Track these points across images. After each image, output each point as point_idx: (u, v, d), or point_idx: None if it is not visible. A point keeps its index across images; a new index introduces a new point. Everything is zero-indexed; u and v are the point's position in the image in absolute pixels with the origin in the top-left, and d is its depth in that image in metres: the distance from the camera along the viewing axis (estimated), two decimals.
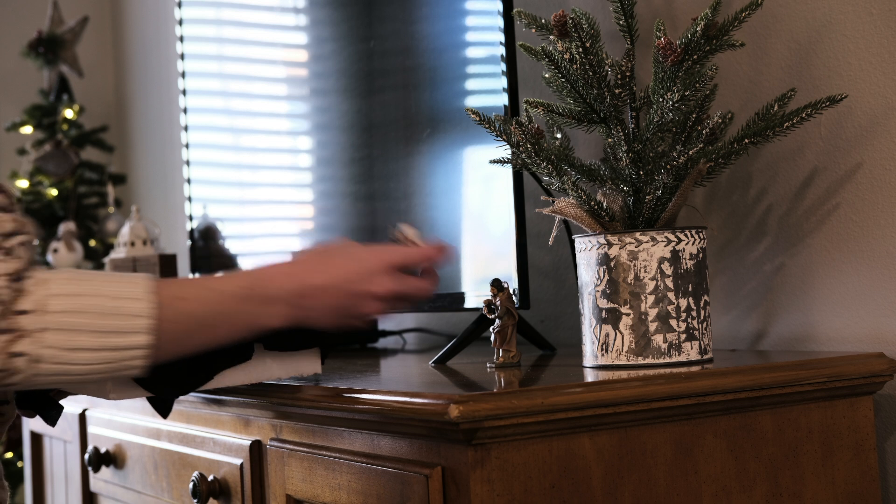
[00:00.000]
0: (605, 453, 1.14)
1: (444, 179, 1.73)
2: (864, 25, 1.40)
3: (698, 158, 1.31)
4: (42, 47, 3.28)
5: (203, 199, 2.47)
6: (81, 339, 1.05)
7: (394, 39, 1.86)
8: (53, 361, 1.05)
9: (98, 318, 1.06)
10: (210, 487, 1.50)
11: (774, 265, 1.51)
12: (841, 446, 1.28)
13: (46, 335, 1.04)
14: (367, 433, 1.23)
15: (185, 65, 2.51)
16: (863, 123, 1.40)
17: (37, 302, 1.04)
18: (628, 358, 1.28)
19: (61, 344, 1.04)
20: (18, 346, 1.03)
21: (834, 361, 1.27)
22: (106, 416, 1.91)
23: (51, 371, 1.05)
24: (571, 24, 1.31)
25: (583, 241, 1.32)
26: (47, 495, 2.26)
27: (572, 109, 1.37)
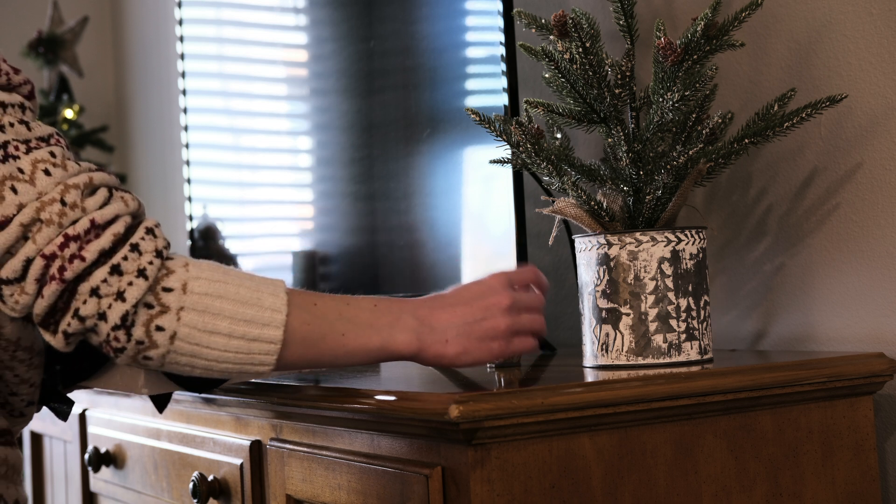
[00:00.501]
0: (605, 453, 1.14)
1: (444, 179, 1.73)
2: (864, 25, 1.40)
3: (698, 158, 1.31)
4: (42, 47, 3.28)
5: (203, 199, 2.47)
6: (219, 323, 1.08)
7: (394, 39, 1.86)
8: (189, 341, 1.08)
9: (237, 305, 1.09)
10: (210, 487, 1.50)
11: (774, 265, 1.51)
12: (841, 446, 1.28)
13: (186, 314, 1.07)
14: (367, 433, 1.23)
15: (185, 65, 2.51)
16: (863, 123, 1.40)
17: (181, 281, 1.08)
18: (628, 358, 1.28)
19: (199, 325, 1.08)
20: (160, 321, 1.07)
21: (834, 361, 1.27)
22: (106, 416, 1.91)
23: (184, 350, 1.08)
24: (571, 24, 1.31)
25: (583, 241, 1.32)
26: (47, 495, 2.26)
27: (572, 109, 1.37)
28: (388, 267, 1.86)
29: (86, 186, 1.09)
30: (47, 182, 1.07)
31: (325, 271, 2.03)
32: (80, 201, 1.07)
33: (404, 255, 1.81)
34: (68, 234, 1.05)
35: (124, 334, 1.06)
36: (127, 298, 1.05)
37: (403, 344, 1.15)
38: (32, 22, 3.42)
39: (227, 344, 1.09)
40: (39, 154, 1.09)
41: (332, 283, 2.01)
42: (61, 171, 1.09)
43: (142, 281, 1.06)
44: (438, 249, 1.73)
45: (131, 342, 1.07)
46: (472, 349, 1.16)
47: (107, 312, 1.05)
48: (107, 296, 1.05)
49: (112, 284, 1.05)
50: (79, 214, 1.07)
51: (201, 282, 1.08)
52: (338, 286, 1.99)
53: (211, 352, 1.09)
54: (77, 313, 1.06)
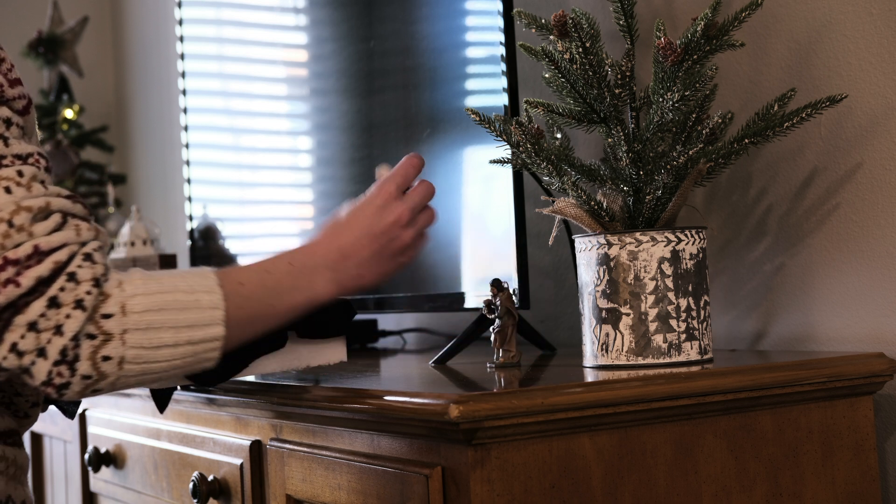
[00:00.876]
0: (605, 453, 1.14)
1: (444, 179, 1.73)
2: (864, 25, 1.40)
3: (698, 158, 1.31)
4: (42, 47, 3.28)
5: (203, 199, 2.47)
6: (163, 335, 1.07)
7: (394, 39, 1.86)
8: (138, 361, 1.06)
9: (177, 313, 1.08)
10: (210, 487, 1.50)
11: (774, 265, 1.51)
12: (841, 446, 1.28)
13: (129, 336, 1.05)
14: (367, 433, 1.23)
15: (185, 65, 2.51)
16: (863, 123, 1.40)
17: (119, 304, 1.05)
18: (628, 358, 1.28)
19: (145, 343, 1.06)
20: (106, 350, 1.04)
21: (834, 361, 1.27)
22: (106, 416, 1.91)
23: (134, 372, 1.07)
24: (571, 24, 1.31)
25: (583, 241, 1.32)
26: (47, 495, 2.26)
27: (572, 109, 1.37)
28: None
29: (40, 210, 1.05)
30: (4, 200, 1.04)
31: None
32: (28, 225, 1.04)
33: None
34: (8, 258, 1.02)
35: (67, 369, 1.03)
36: (65, 332, 1.02)
37: (325, 292, 1.20)
38: (32, 22, 3.42)
39: (174, 353, 1.08)
40: (6, 172, 1.06)
41: None
42: (23, 190, 1.05)
43: (79, 312, 1.02)
44: (438, 249, 1.72)
45: (76, 377, 1.03)
46: (388, 270, 1.24)
47: (46, 348, 1.02)
48: (45, 330, 1.02)
49: (50, 318, 1.02)
50: (24, 238, 1.03)
51: (138, 298, 1.06)
52: None
53: (160, 364, 1.07)
54: (15, 347, 1.02)
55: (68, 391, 1.04)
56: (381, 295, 1.84)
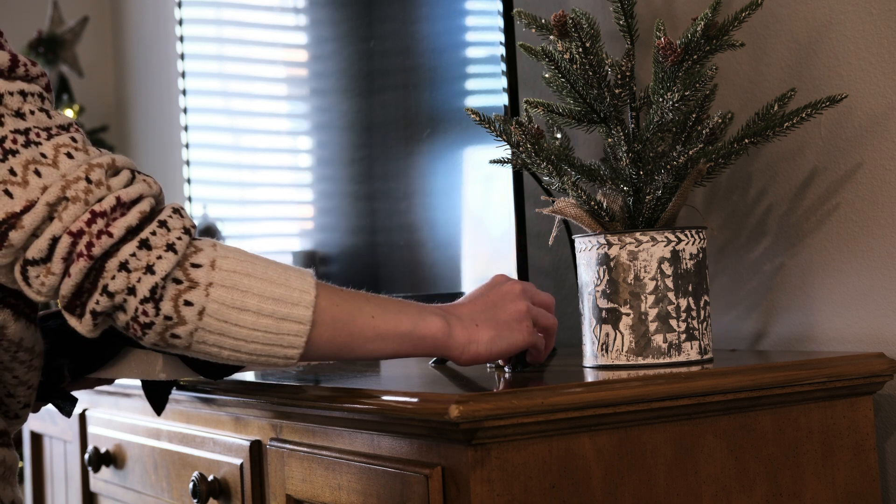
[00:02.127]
0: (605, 453, 1.14)
1: (444, 179, 1.73)
2: (864, 25, 1.40)
3: (698, 158, 1.31)
4: (42, 47, 3.28)
5: (203, 199, 2.47)
6: (247, 300, 1.07)
7: (394, 39, 1.86)
8: (218, 317, 1.07)
9: (266, 284, 1.08)
10: (210, 487, 1.50)
11: (774, 265, 1.51)
12: (841, 446, 1.28)
13: (215, 290, 1.06)
14: (367, 433, 1.23)
15: (185, 65, 2.52)
16: (863, 123, 1.40)
17: (209, 258, 1.07)
18: (628, 358, 1.28)
19: (228, 301, 1.07)
20: (189, 296, 1.06)
21: (834, 361, 1.27)
22: (106, 416, 1.91)
23: (213, 328, 1.07)
24: (571, 24, 1.31)
25: (583, 241, 1.32)
26: (47, 495, 2.27)
27: (572, 109, 1.37)
28: (388, 267, 1.86)
29: (109, 167, 1.09)
30: (71, 164, 1.07)
31: (325, 271, 2.03)
32: (105, 180, 1.08)
33: (404, 255, 1.81)
34: (95, 211, 1.05)
35: (153, 308, 1.05)
36: (156, 271, 1.05)
37: (434, 326, 1.15)
38: (32, 22, 3.42)
39: (256, 322, 1.07)
40: (61, 139, 1.09)
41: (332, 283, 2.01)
42: (83, 154, 1.09)
43: (171, 255, 1.05)
44: (438, 249, 1.73)
45: (159, 317, 1.05)
46: (504, 333, 1.18)
47: (136, 286, 1.05)
48: (136, 270, 1.05)
49: (141, 259, 1.05)
50: (104, 192, 1.07)
51: (230, 260, 1.08)
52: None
53: (240, 330, 1.07)
54: (106, 289, 1.05)
55: (150, 331, 1.06)
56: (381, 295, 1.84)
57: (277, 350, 1.09)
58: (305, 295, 1.09)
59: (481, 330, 1.17)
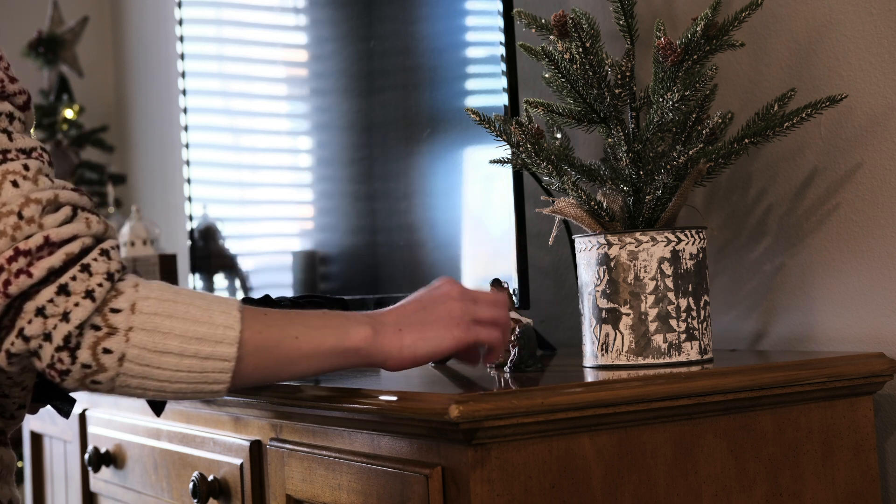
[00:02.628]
0: (605, 453, 1.14)
1: (444, 179, 1.73)
2: (864, 25, 1.40)
3: (698, 158, 1.31)
4: (42, 47, 3.28)
5: (203, 199, 2.47)
6: (169, 342, 1.05)
7: (394, 39, 1.86)
8: (139, 362, 1.05)
9: (188, 323, 1.06)
10: (210, 487, 1.50)
11: (774, 265, 1.51)
12: (841, 446, 1.28)
13: (135, 334, 1.04)
14: (367, 433, 1.23)
15: (185, 65, 2.51)
16: (863, 123, 1.40)
17: (130, 301, 1.05)
18: (628, 358, 1.28)
19: (149, 345, 1.05)
20: (108, 343, 1.04)
21: (834, 361, 1.27)
22: (106, 416, 1.91)
23: (134, 372, 1.05)
24: (571, 24, 1.31)
25: (583, 241, 1.32)
26: (47, 495, 2.27)
27: (572, 109, 1.37)
28: (388, 267, 1.86)
29: (49, 203, 1.05)
30: (12, 194, 1.04)
31: (325, 271, 2.03)
32: (39, 217, 1.04)
33: (404, 255, 1.81)
34: (19, 248, 1.02)
35: (68, 356, 1.03)
36: (71, 319, 1.02)
37: (358, 337, 1.13)
38: (32, 22, 3.42)
39: (178, 364, 1.06)
40: (12, 166, 1.06)
41: (332, 283, 2.01)
42: (30, 184, 1.05)
43: (88, 302, 1.03)
44: (438, 249, 1.73)
45: (76, 365, 1.03)
46: (431, 335, 1.15)
47: (51, 333, 1.02)
48: (52, 316, 1.02)
49: (58, 305, 1.02)
50: (34, 230, 1.04)
51: (150, 301, 1.05)
52: (338, 286, 1.99)
53: (162, 372, 1.06)
54: (22, 332, 1.02)
55: (68, 378, 1.04)
56: (381, 295, 1.84)
57: (203, 387, 1.08)
58: (230, 331, 1.07)
59: (405, 334, 1.14)
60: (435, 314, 1.16)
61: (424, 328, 1.15)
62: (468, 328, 1.17)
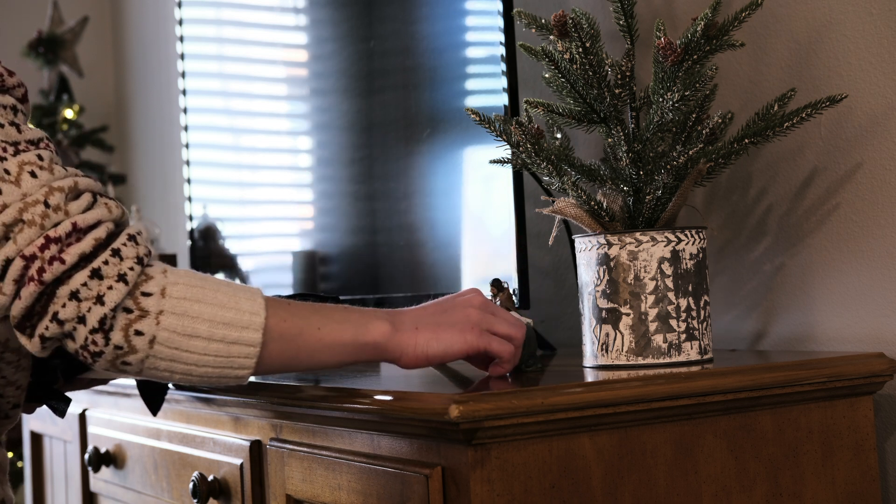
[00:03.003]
0: (605, 453, 1.14)
1: (444, 179, 1.73)
2: (864, 25, 1.40)
3: (698, 158, 1.31)
4: (42, 47, 3.28)
5: (203, 199, 2.47)
6: (197, 326, 1.08)
7: (394, 39, 1.86)
8: (168, 345, 1.07)
9: (216, 308, 1.09)
10: (210, 487, 1.50)
11: (774, 265, 1.51)
12: (841, 446, 1.28)
13: (164, 317, 1.07)
14: (367, 433, 1.23)
15: (185, 65, 2.51)
16: (863, 123, 1.40)
17: (160, 286, 1.08)
18: (628, 358, 1.28)
19: (178, 328, 1.07)
20: (140, 325, 1.06)
21: (834, 361, 1.27)
22: (106, 416, 1.91)
23: (164, 355, 1.08)
24: (571, 24, 1.31)
25: (583, 241, 1.32)
26: (47, 495, 2.27)
27: (572, 109, 1.37)
28: (388, 267, 1.86)
29: (70, 190, 1.08)
30: (32, 184, 1.07)
31: (325, 271, 2.03)
32: (64, 204, 1.07)
33: (404, 255, 1.81)
34: (49, 237, 1.05)
35: (102, 338, 1.06)
36: (106, 302, 1.05)
37: (376, 331, 1.15)
38: (32, 22, 3.42)
39: (206, 347, 1.08)
40: (27, 157, 1.08)
41: (332, 283, 2.01)
42: (47, 174, 1.08)
43: (121, 285, 1.05)
44: (438, 249, 1.73)
45: (109, 346, 1.06)
46: (444, 336, 1.17)
47: (86, 316, 1.05)
48: (86, 299, 1.05)
49: (92, 288, 1.05)
50: (61, 217, 1.06)
51: (179, 287, 1.08)
52: (338, 286, 1.99)
53: (190, 356, 1.08)
54: (56, 317, 1.05)
55: (101, 359, 1.07)
56: (381, 295, 1.84)
57: (228, 371, 1.11)
58: (255, 317, 1.10)
59: (420, 333, 1.17)
60: (452, 318, 1.19)
61: (440, 329, 1.17)
62: (481, 335, 1.18)
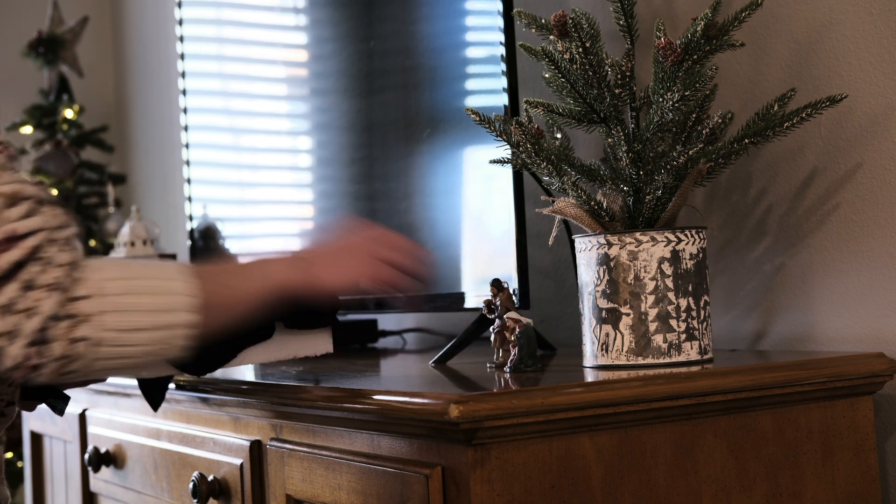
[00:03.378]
0: (605, 453, 1.14)
1: (444, 179, 1.73)
2: (864, 25, 1.40)
3: (698, 158, 1.31)
4: (42, 47, 3.28)
5: (203, 199, 2.47)
6: (137, 318, 1.07)
7: (394, 39, 1.86)
8: (112, 344, 1.06)
9: (151, 297, 1.08)
10: (210, 487, 1.50)
11: (774, 265, 1.51)
12: (841, 446, 1.28)
13: (105, 317, 1.05)
14: (367, 433, 1.23)
15: (185, 65, 2.51)
16: (863, 123, 1.40)
17: (94, 287, 1.05)
18: (628, 358, 1.28)
19: (119, 325, 1.06)
20: (80, 332, 1.04)
21: (834, 361, 1.27)
22: (106, 416, 1.91)
23: (109, 354, 1.06)
24: (571, 24, 1.31)
25: (583, 241, 1.32)
26: (47, 495, 2.26)
27: (572, 109, 1.37)
28: None
29: (11, 196, 1.06)
30: None
31: None
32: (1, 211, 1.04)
33: None
34: None
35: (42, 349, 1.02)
36: (38, 313, 1.02)
37: (279, 273, 1.19)
38: (32, 22, 3.42)
39: (148, 337, 1.08)
40: None
41: None
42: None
43: (54, 294, 1.03)
44: (438, 249, 1.72)
45: (50, 358, 1.03)
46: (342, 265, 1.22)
47: (18, 329, 1.02)
48: (18, 312, 1.02)
49: (23, 301, 1.02)
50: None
51: (114, 282, 1.07)
52: None
53: (134, 349, 1.07)
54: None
55: (42, 372, 1.04)
56: (381, 295, 1.84)
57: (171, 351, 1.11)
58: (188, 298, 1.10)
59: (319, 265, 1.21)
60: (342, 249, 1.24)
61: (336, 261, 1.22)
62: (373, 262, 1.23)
